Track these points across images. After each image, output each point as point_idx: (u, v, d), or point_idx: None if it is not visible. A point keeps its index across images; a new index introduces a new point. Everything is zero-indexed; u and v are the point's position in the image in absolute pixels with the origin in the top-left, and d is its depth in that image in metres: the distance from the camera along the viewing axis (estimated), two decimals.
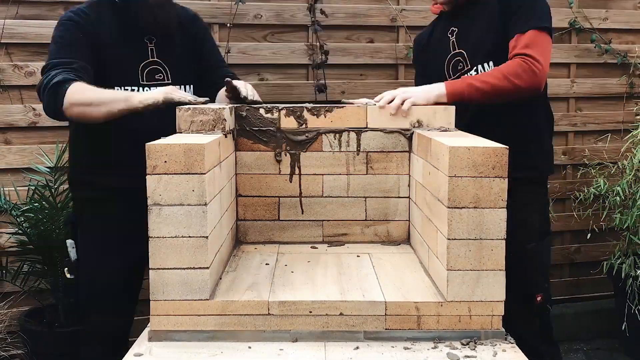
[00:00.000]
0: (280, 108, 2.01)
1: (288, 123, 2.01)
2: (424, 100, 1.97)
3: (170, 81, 2.12)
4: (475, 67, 2.12)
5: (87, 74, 1.96)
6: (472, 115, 2.08)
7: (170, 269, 1.50)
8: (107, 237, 2.11)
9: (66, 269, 2.22)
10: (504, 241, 1.51)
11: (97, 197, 2.10)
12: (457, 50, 2.18)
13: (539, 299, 2.07)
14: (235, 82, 1.99)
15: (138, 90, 2.07)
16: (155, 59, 2.12)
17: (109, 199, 2.09)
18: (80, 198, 2.20)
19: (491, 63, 2.08)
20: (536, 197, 2.12)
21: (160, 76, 2.12)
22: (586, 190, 3.24)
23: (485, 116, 2.06)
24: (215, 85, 2.17)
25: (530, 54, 1.94)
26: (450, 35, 2.20)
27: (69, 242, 2.18)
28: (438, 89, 1.98)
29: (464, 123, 1.99)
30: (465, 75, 2.09)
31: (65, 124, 2.23)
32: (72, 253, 2.16)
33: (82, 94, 1.88)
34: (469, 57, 2.14)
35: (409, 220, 2.06)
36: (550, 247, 2.22)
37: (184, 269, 1.50)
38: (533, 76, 1.95)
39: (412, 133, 1.99)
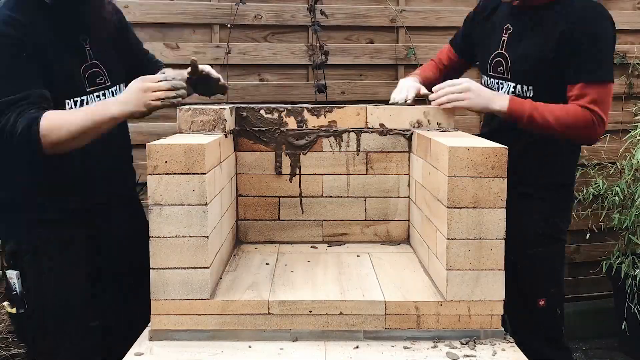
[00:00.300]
0: (280, 109, 2.02)
1: (288, 124, 2.02)
2: (480, 109, 1.97)
3: (110, 83, 1.92)
4: (514, 85, 2.02)
5: (46, 101, 1.73)
6: (498, 122, 2.05)
7: (171, 268, 1.50)
8: (65, 260, 1.86)
9: (7, 303, 1.88)
10: (503, 241, 1.51)
11: (50, 219, 1.83)
12: (502, 51, 2.07)
13: (541, 303, 2.04)
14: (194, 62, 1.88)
15: (85, 100, 1.84)
16: (94, 61, 1.89)
17: (63, 220, 1.84)
18: (21, 223, 1.86)
19: (531, 88, 1.98)
20: (542, 203, 2.05)
21: (101, 79, 1.90)
22: (585, 191, 3.25)
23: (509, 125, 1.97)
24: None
25: (599, 113, 1.87)
26: (504, 32, 2.07)
27: (13, 273, 1.85)
28: (500, 105, 1.91)
29: (490, 129, 2.03)
30: (529, 100, 1.93)
31: None
32: (17, 284, 1.84)
33: (58, 131, 1.67)
34: (511, 67, 2.04)
35: (408, 220, 2.06)
36: (563, 253, 2.15)
37: (184, 268, 1.50)
38: (592, 135, 1.92)
39: (412, 133, 2.00)
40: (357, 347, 1.50)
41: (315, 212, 2.06)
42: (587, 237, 3.33)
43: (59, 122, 1.69)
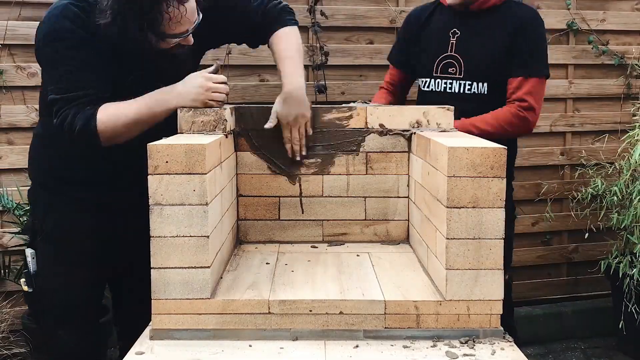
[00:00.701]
0: None
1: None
2: None
3: None
4: (470, 83, 2.28)
5: (104, 101, 1.76)
6: None
7: (172, 268, 1.51)
8: (71, 248, 1.90)
9: (23, 280, 1.98)
10: (502, 241, 1.52)
11: (62, 205, 1.90)
12: (452, 53, 2.30)
13: (506, 277, 2.04)
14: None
15: None
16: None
17: (74, 209, 1.90)
18: (43, 203, 1.94)
19: (485, 85, 2.27)
20: None
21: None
22: (584, 190, 3.26)
23: None
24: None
25: (531, 103, 2.21)
26: (451, 36, 2.30)
27: (29, 252, 1.93)
28: None
29: None
30: (462, 120, 2.21)
31: None
32: (32, 264, 1.93)
33: (114, 124, 1.73)
34: (465, 67, 2.28)
35: (408, 220, 2.07)
36: (512, 224, 2.37)
37: (185, 268, 1.51)
38: (526, 124, 2.25)
39: (412, 133, 2.01)
40: (357, 346, 1.50)
41: (315, 212, 2.06)
42: (586, 236, 3.34)
43: (115, 114, 1.74)
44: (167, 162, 1.48)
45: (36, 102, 2.80)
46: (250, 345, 1.50)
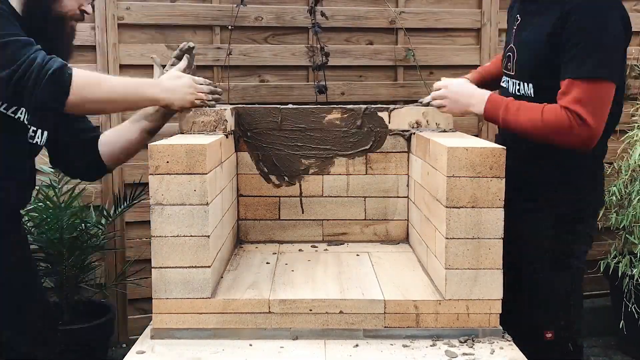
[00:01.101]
0: (280, 110, 2.04)
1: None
2: (460, 114, 1.88)
3: None
4: (519, 82, 1.82)
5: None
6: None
7: (173, 267, 1.52)
8: None
9: None
10: (501, 240, 1.52)
11: None
12: (511, 45, 1.87)
13: (548, 335, 1.78)
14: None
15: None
16: None
17: None
18: None
19: (531, 87, 1.78)
20: (556, 226, 1.79)
21: None
22: None
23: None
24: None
25: (580, 114, 1.62)
26: (514, 23, 1.88)
27: None
28: (478, 109, 1.77)
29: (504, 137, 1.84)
30: (508, 100, 1.75)
31: None
32: None
33: (95, 87, 1.60)
34: (516, 63, 1.84)
35: (407, 220, 2.08)
36: (580, 282, 1.84)
37: (185, 267, 1.52)
38: (573, 138, 1.65)
39: (411, 134, 2.01)
40: (357, 345, 1.51)
41: (315, 212, 2.07)
42: None
43: (96, 78, 1.66)
44: (167, 162, 1.49)
45: None
46: (250, 345, 1.51)
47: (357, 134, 2.04)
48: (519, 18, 1.85)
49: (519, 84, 1.82)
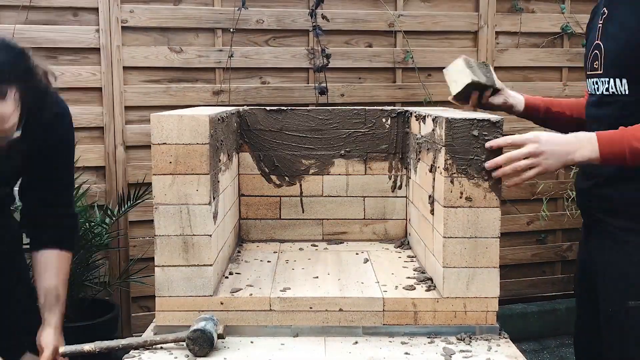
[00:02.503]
0: (282, 110, 2.07)
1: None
2: (555, 168, 1.48)
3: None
4: (607, 80, 1.57)
5: None
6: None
7: (175, 266, 1.54)
8: None
9: None
10: (498, 239, 1.54)
11: None
12: (597, 42, 1.62)
13: None
14: None
15: None
16: None
17: None
18: None
19: (625, 82, 1.52)
20: None
21: None
22: None
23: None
24: None
25: None
26: (600, 19, 1.64)
27: None
28: (584, 155, 1.45)
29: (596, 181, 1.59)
30: (619, 132, 1.46)
31: None
32: None
33: None
34: (604, 59, 1.59)
35: (406, 219, 2.10)
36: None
37: (188, 266, 1.54)
38: None
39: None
40: (356, 342, 1.53)
41: (315, 212, 2.10)
42: None
43: None
44: (170, 162, 1.52)
45: None
46: (252, 342, 1.53)
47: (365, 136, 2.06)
48: (605, 11, 1.61)
49: (609, 81, 1.56)
